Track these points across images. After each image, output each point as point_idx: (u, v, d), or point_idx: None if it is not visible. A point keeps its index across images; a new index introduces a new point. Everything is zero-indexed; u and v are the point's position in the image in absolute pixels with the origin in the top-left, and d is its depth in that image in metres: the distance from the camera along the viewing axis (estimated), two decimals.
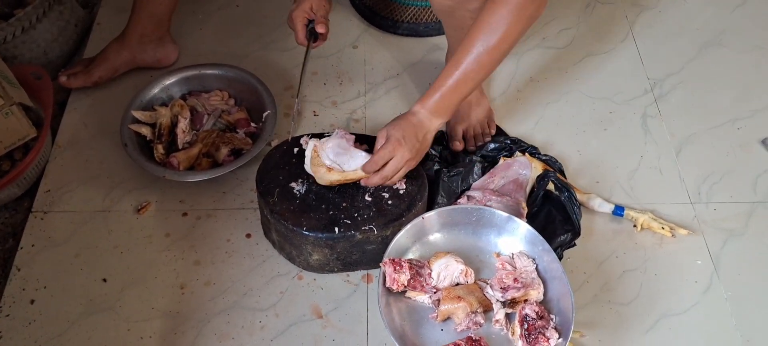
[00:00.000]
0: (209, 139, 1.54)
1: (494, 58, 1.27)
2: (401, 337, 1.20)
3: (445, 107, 1.32)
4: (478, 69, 1.27)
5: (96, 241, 1.45)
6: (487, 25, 1.24)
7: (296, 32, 1.48)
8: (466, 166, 1.49)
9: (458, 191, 1.47)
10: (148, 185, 1.53)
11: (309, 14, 1.46)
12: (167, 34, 1.73)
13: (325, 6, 1.46)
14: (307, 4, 1.45)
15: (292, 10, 1.47)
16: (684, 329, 1.36)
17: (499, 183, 1.45)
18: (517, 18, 1.22)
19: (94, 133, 1.63)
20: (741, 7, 1.99)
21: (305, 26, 1.47)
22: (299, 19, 1.46)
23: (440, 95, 1.31)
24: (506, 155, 1.50)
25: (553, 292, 1.25)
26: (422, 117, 1.33)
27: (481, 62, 1.26)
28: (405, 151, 1.30)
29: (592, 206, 1.50)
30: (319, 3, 1.46)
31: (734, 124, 1.70)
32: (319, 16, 1.45)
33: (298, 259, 1.39)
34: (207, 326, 1.33)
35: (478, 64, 1.27)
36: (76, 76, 1.67)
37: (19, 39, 1.63)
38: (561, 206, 1.42)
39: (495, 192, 1.43)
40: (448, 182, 1.46)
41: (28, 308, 1.35)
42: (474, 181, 1.48)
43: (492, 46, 1.24)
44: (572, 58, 1.84)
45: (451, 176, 1.47)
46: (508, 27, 1.23)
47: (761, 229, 1.51)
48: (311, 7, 1.46)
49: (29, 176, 1.50)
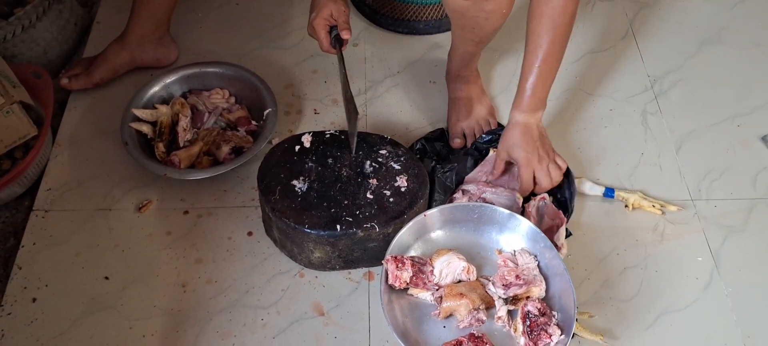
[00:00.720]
0: (210, 138, 1.54)
1: (564, 33, 1.32)
2: (404, 334, 1.20)
3: (540, 99, 1.38)
4: (555, 50, 1.33)
5: (97, 239, 1.44)
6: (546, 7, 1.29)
7: (320, 41, 1.44)
8: (460, 160, 1.50)
9: (452, 185, 1.47)
10: (149, 184, 1.53)
11: (330, 21, 1.43)
12: (167, 33, 1.73)
13: (344, 10, 1.43)
14: (326, 10, 1.41)
15: (312, 18, 1.43)
16: (684, 325, 1.36)
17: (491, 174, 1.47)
18: None
19: (95, 131, 1.63)
20: (740, 4, 1.99)
21: (328, 34, 1.44)
22: (321, 27, 1.43)
23: (531, 92, 1.35)
24: (496, 146, 1.50)
25: (555, 288, 1.26)
26: (524, 120, 1.38)
27: (555, 42, 1.32)
28: (536, 161, 1.39)
29: (583, 189, 1.51)
30: (339, 8, 1.42)
31: (734, 121, 1.70)
32: (341, 21, 1.42)
33: (300, 256, 1.39)
34: (209, 324, 1.34)
35: (553, 45, 1.32)
36: (76, 78, 1.66)
37: (19, 38, 1.63)
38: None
39: (489, 184, 1.44)
40: (442, 178, 1.47)
41: (30, 307, 1.34)
42: (468, 174, 1.49)
43: (559, 23, 1.30)
44: (572, 55, 1.84)
45: (445, 171, 1.48)
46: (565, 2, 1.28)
47: (761, 225, 1.51)
48: (331, 14, 1.42)
49: (30, 174, 1.50)
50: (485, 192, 1.42)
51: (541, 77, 1.34)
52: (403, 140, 1.57)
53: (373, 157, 1.41)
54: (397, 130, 1.64)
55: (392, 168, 1.40)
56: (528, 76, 1.35)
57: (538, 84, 1.35)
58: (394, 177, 1.38)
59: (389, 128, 1.65)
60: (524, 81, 1.36)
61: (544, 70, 1.34)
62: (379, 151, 1.42)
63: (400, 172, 1.39)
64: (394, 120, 1.68)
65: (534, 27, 1.32)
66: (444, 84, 1.68)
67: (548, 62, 1.33)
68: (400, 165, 1.40)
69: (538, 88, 1.35)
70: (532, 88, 1.35)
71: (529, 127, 1.38)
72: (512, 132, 1.39)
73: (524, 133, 1.38)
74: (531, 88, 1.35)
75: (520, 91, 1.37)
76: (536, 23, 1.31)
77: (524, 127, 1.38)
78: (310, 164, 1.40)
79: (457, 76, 1.60)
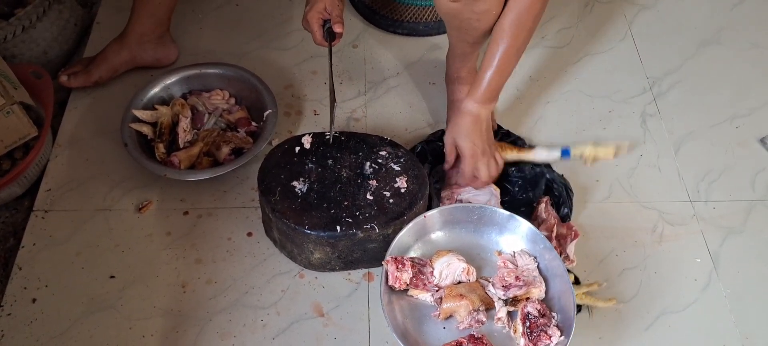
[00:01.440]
0: (210, 138, 1.54)
1: (528, 29, 1.33)
2: (404, 335, 1.20)
3: (494, 91, 1.39)
4: (516, 45, 1.34)
5: (97, 240, 1.45)
6: (513, 2, 1.31)
7: (313, 33, 1.48)
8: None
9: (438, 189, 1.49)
10: (149, 184, 1.53)
11: (324, 15, 1.47)
12: (167, 33, 1.73)
13: (338, 5, 1.47)
14: (321, 4, 1.46)
15: (306, 11, 1.47)
16: (683, 326, 1.36)
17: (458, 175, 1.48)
18: None
19: (95, 132, 1.63)
20: (739, 5, 1.99)
21: (321, 27, 1.48)
22: (315, 21, 1.47)
23: (487, 83, 1.37)
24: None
25: (555, 290, 1.26)
26: (475, 110, 1.39)
27: (516, 37, 1.33)
28: (480, 154, 1.41)
29: (539, 158, 1.51)
30: (333, 2, 1.46)
31: (733, 122, 1.71)
32: (335, 15, 1.46)
33: (300, 257, 1.39)
34: (209, 324, 1.34)
35: (514, 40, 1.34)
36: (76, 75, 1.66)
37: (19, 38, 1.63)
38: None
39: (457, 186, 1.46)
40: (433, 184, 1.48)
41: (30, 307, 1.35)
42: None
43: (524, 20, 1.31)
44: (571, 57, 1.85)
45: (435, 183, 1.49)
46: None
47: (760, 226, 1.52)
48: (325, 8, 1.46)
49: (30, 175, 1.50)
50: (460, 193, 1.43)
51: (499, 71, 1.36)
52: (402, 142, 1.57)
53: (373, 158, 1.42)
54: (396, 132, 1.65)
55: (392, 169, 1.40)
56: (487, 68, 1.36)
57: (495, 77, 1.36)
58: (393, 178, 1.38)
59: (388, 129, 1.65)
60: (483, 71, 1.37)
61: (502, 64, 1.35)
62: (378, 152, 1.43)
63: (399, 173, 1.39)
64: (394, 121, 1.68)
65: (501, 20, 1.33)
66: (443, 85, 1.69)
67: (507, 57, 1.35)
68: (399, 166, 1.40)
69: (493, 81, 1.37)
70: (489, 80, 1.36)
71: (479, 119, 1.40)
72: (462, 120, 1.40)
73: (474, 123, 1.39)
74: (487, 80, 1.37)
75: (478, 80, 1.38)
76: (503, 16, 1.32)
77: (475, 118, 1.39)
78: (310, 165, 1.40)
79: (455, 78, 1.61)
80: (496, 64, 1.35)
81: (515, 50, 1.35)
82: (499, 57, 1.34)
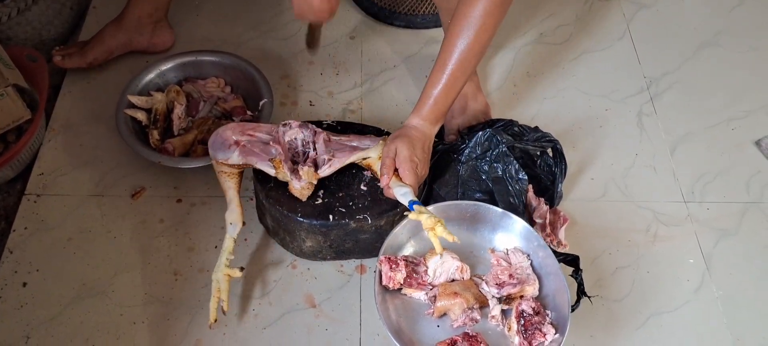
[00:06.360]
0: (205, 126, 1.53)
1: (476, 52, 1.28)
2: (397, 333, 1.19)
3: (440, 111, 1.33)
4: (463, 67, 1.28)
5: (89, 225, 1.44)
6: (464, 21, 1.25)
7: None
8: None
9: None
10: (143, 171, 1.52)
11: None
12: (164, 18, 1.71)
13: None
14: None
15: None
16: (675, 327, 1.37)
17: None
18: (491, 8, 1.24)
19: (89, 117, 1.61)
20: (738, 7, 1.99)
21: None
22: None
23: (433, 102, 1.31)
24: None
25: (549, 288, 1.25)
26: (422, 128, 1.32)
27: (464, 60, 1.28)
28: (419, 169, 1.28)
29: (398, 194, 1.27)
30: None
31: (729, 124, 1.71)
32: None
33: (292, 245, 1.39)
34: (200, 312, 1.33)
35: (462, 63, 1.28)
36: (70, 56, 1.65)
37: (15, 20, 1.62)
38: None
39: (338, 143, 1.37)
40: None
41: (20, 291, 1.34)
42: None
43: (472, 41, 1.26)
44: (569, 54, 1.84)
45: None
46: (484, 19, 1.24)
47: (753, 229, 1.52)
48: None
49: (22, 158, 1.49)
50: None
51: (446, 89, 1.29)
52: None
53: None
54: (392, 124, 1.64)
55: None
56: (435, 84, 1.30)
57: (441, 96, 1.30)
58: None
59: (385, 122, 1.65)
60: (431, 87, 1.30)
61: (450, 82, 1.29)
62: None
63: None
64: (390, 114, 1.67)
65: (452, 27, 1.27)
66: None
67: (457, 73, 1.28)
68: None
69: (439, 100, 1.30)
70: (435, 99, 1.30)
71: (423, 140, 1.31)
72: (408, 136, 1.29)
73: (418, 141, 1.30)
74: (434, 99, 1.30)
75: (424, 97, 1.31)
76: (455, 23, 1.27)
77: (420, 137, 1.31)
78: None
79: None
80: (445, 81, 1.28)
81: (467, 64, 1.28)
82: (449, 73, 1.28)
